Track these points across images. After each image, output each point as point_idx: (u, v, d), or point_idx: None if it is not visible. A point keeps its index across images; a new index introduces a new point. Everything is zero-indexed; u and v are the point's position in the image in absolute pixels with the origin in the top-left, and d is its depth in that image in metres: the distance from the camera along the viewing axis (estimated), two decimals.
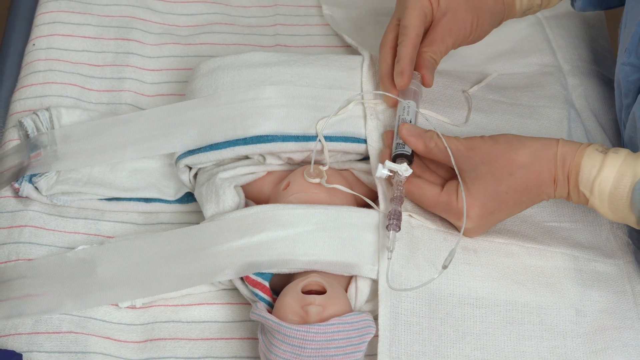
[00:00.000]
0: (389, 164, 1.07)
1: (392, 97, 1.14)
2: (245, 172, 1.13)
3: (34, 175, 1.15)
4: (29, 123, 1.20)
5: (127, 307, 1.07)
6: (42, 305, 1.05)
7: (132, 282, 1.06)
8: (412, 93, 1.14)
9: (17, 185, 1.15)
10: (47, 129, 1.19)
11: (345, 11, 1.41)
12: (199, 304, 1.08)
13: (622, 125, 1.19)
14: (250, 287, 1.04)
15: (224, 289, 1.09)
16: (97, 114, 1.22)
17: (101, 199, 1.16)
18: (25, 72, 1.28)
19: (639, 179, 0.99)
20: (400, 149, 1.09)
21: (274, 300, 1.04)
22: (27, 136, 1.19)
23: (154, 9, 1.39)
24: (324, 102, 1.15)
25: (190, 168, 1.15)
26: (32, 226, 1.13)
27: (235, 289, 1.08)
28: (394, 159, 1.09)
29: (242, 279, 1.05)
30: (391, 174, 1.07)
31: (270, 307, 1.03)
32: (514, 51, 1.33)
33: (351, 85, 1.18)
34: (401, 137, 1.09)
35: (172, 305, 1.08)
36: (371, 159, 1.13)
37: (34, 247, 1.11)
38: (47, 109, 1.21)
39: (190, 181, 1.16)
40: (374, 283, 1.04)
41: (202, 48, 1.35)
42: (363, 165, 1.15)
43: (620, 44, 1.19)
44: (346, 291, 1.04)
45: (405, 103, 1.13)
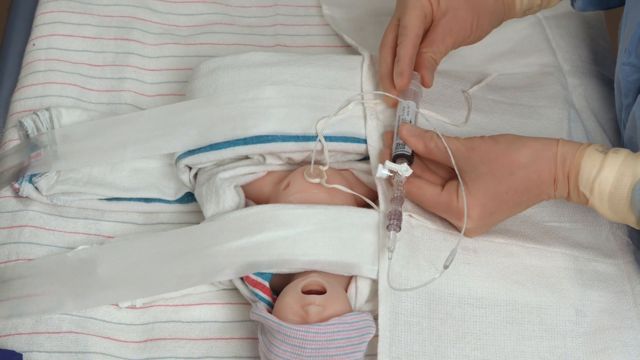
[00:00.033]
0: (389, 164, 1.07)
1: (392, 97, 1.14)
2: (245, 172, 1.13)
3: (34, 175, 1.15)
4: (29, 123, 1.20)
5: (127, 307, 1.07)
6: (42, 305, 1.05)
7: (132, 282, 1.06)
8: (412, 93, 1.14)
9: (17, 185, 1.15)
10: (47, 129, 1.19)
11: (345, 11, 1.41)
12: (199, 304, 1.08)
13: (622, 125, 1.18)
14: (250, 287, 1.04)
15: (224, 289, 1.09)
16: (97, 114, 1.22)
17: (101, 199, 1.16)
18: (26, 72, 1.28)
19: (639, 179, 0.99)
20: (400, 149, 1.09)
21: (274, 300, 1.04)
22: (27, 136, 1.19)
23: (154, 9, 1.39)
24: (324, 102, 1.15)
25: (190, 168, 1.15)
26: (32, 226, 1.13)
27: (235, 289, 1.08)
28: (394, 159, 1.09)
29: (242, 279, 1.05)
30: (391, 174, 1.07)
31: (270, 307, 1.03)
32: (514, 51, 1.33)
33: (351, 85, 1.18)
34: (401, 137, 1.09)
35: (172, 305, 1.08)
36: (371, 159, 1.12)
37: (34, 247, 1.11)
38: (47, 109, 1.21)
39: (190, 181, 1.16)
40: (374, 283, 1.04)
41: (202, 48, 1.35)
42: (363, 165, 1.15)
43: (620, 44, 1.19)
44: (346, 291, 1.04)
45: (405, 103, 1.13)
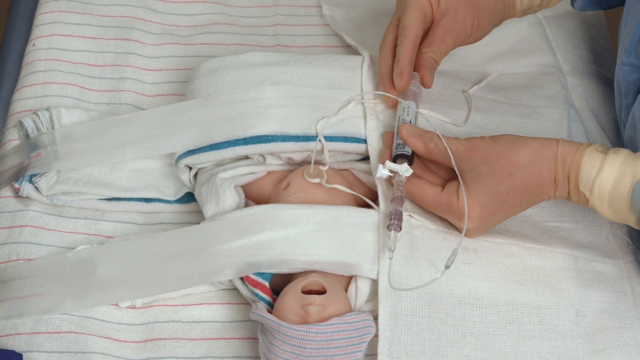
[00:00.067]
0: (390, 164, 1.07)
1: (392, 97, 1.14)
2: (245, 172, 1.13)
3: (34, 175, 1.15)
4: (29, 123, 1.20)
5: (127, 307, 1.07)
6: (43, 305, 1.05)
7: (132, 282, 1.06)
8: (412, 94, 1.14)
9: (17, 185, 1.15)
10: (48, 129, 1.19)
11: (345, 11, 1.41)
12: (199, 304, 1.08)
13: (622, 125, 1.18)
14: (250, 287, 1.04)
15: (224, 289, 1.09)
16: (97, 114, 1.22)
17: (101, 199, 1.16)
18: (26, 72, 1.28)
19: (639, 179, 0.99)
20: (400, 149, 1.09)
21: (274, 300, 1.04)
22: (27, 136, 1.19)
23: (154, 9, 1.39)
24: (324, 102, 1.15)
25: (191, 168, 1.15)
26: (32, 226, 1.13)
27: (235, 289, 1.08)
28: (395, 159, 1.09)
29: (242, 278, 1.05)
30: (392, 174, 1.07)
31: (270, 307, 1.03)
32: (514, 51, 1.33)
33: (351, 85, 1.18)
34: (401, 137, 1.09)
35: (172, 305, 1.08)
36: (371, 159, 1.12)
37: (34, 247, 1.11)
38: (48, 109, 1.21)
39: (190, 181, 1.16)
40: (374, 283, 1.04)
41: (202, 48, 1.35)
42: (363, 165, 1.15)
43: (620, 44, 1.19)
44: (346, 291, 1.05)
45: (405, 104, 1.13)
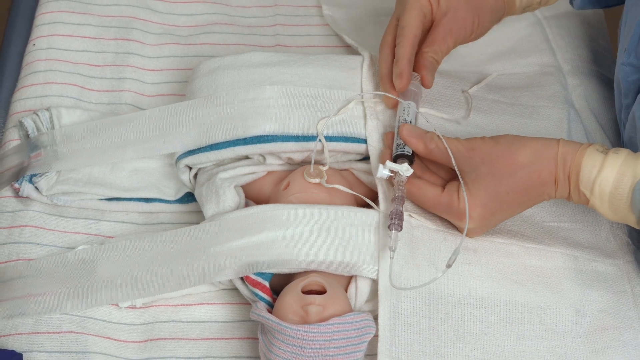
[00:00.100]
0: (390, 164, 1.07)
1: (393, 97, 1.14)
2: (245, 172, 1.13)
3: (34, 175, 1.15)
4: (29, 123, 1.20)
5: (127, 307, 1.07)
6: (43, 305, 1.05)
7: (132, 282, 1.06)
8: (412, 94, 1.14)
9: (17, 185, 1.15)
10: (48, 129, 1.19)
11: (345, 11, 1.41)
12: (199, 304, 1.08)
13: (622, 126, 1.18)
14: (251, 287, 1.04)
15: (224, 289, 1.09)
16: (97, 114, 1.22)
17: (101, 199, 1.16)
18: (26, 72, 1.28)
19: (639, 179, 0.99)
20: (400, 149, 1.09)
21: (274, 300, 1.04)
22: (27, 136, 1.19)
23: (154, 9, 1.39)
24: (324, 102, 1.15)
25: (191, 168, 1.15)
26: (32, 226, 1.13)
27: (235, 289, 1.08)
28: (395, 159, 1.09)
29: (242, 278, 1.05)
30: (392, 174, 1.07)
31: (270, 307, 1.03)
32: (514, 51, 1.33)
33: (351, 85, 1.18)
34: (401, 137, 1.09)
35: (172, 305, 1.08)
36: (371, 159, 1.12)
37: (34, 247, 1.11)
38: (48, 109, 1.21)
39: (190, 181, 1.16)
40: (374, 283, 1.04)
41: (202, 48, 1.35)
42: (363, 165, 1.15)
43: (619, 44, 1.19)
44: (346, 291, 1.05)
45: (405, 104, 1.13)
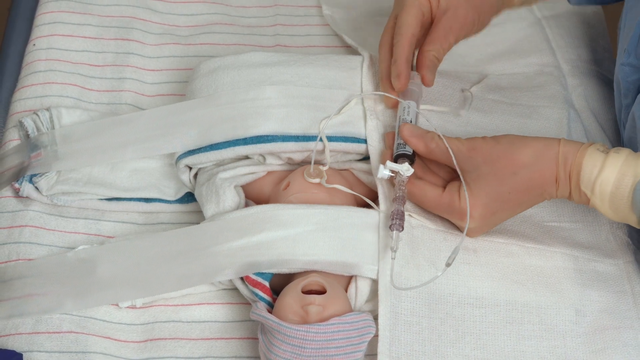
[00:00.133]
0: (390, 164, 1.07)
1: (393, 97, 1.14)
2: (245, 172, 1.13)
3: (35, 175, 1.15)
4: (29, 123, 1.20)
5: (128, 307, 1.07)
6: (43, 305, 1.05)
7: (132, 282, 1.06)
8: (412, 93, 1.14)
9: (17, 185, 1.15)
10: (48, 129, 1.19)
11: (345, 11, 1.41)
12: (199, 304, 1.08)
13: (622, 126, 1.18)
14: (251, 287, 1.05)
15: (224, 289, 1.09)
16: (97, 114, 1.22)
17: (101, 199, 1.16)
18: (26, 72, 1.28)
19: None
20: (401, 149, 1.09)
21: (274, 300, 1.04)
22: (27, 136, 1.19)
23: (154, 9, 1.39)
24: (324, 102, 1.15)
25: (191, 168, 1.15)
26: (32, 226, 1.13)
27: (235, 289, 1.09)
28: (396, 159, 1.09)
29: (242, 278, 1.05)
30: (393, 174, 1.07)
31: (270, 307, 1.03)
32: (514, 51, 1.33)
33: (351, 85, 1.18)
34: (402, 137, 1.09)
35: (172, 305, 1.08)
36: (371, 159, 1.12)
37: (34, 247, 1.11)
38: (48, 109, 1.21)
39: (190, 181, 1.16)
40: (374, 283, 1.04)
41: (202, 48, 1.35)
42: (363, 165, 1.15)
43: (619, 44, 1.19)
44: (346, 291, 1.05)
45: (405, 103, 1.13)
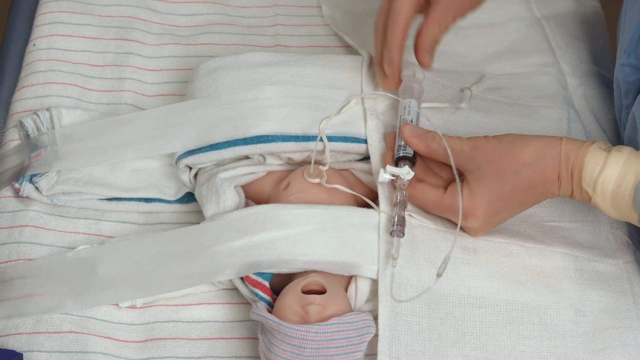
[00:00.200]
0: (391, 169, 1.07)
1: (393, 97, 1.14)
2: (246, 172, 1.13)
3: (35, 175, 1.15)
4: (29, 123, 1.20)
5: (128, 307, 1.07)
6: (43, 305, 1.05)
7: (132, 281, 1.06)
8: (412, 91, 1.14)
9: (17, 185, 1.15)
10: (48, 129, 1.19)
11: (345, 11, 1.41)
12: (199, 304, 1.08)
13: (622, 126, 1.18)
14: (251, 287, 1.05)
15: (224, 289, 1.10)
16: (97, 114, 1.22)
17: (101, 199, 1.16)
18: (26, 72, 1.28)
19: None
20: (402, 151, 1.09)
21: (274, 300, 1.04)
22: (27, 136, 1.19)
23: (154, 9, 1.39)
24: (324, 102, 1.15)
25: (191, 168, 1.15)
26: (32, 226, 1.13)
27: (235, 289, 1.09)
28: (396, 161, 1.08)
29: (242, 278, 1.05)
30: (393, 178, 1.07)
31: (271, 307, 1.03)
32: (514, 51, 1.33)
33: (351, 85, 1.18)
34: (403, 138, 1.09)
35: (173, 305, 1.08)
36: (372, 159, 1.12)
37: (34, 247, 1.11)
38: (48, 109, 1.21)
39: (190, 181, 1.16)
40: (374, 283, 1.04)
41: (202, 48, 1.35)
42: (363, 165, 1.15)
43: (619, 44, 1.19)
44: (346, 291, 1.05)
45: (406, 103, 1.13)
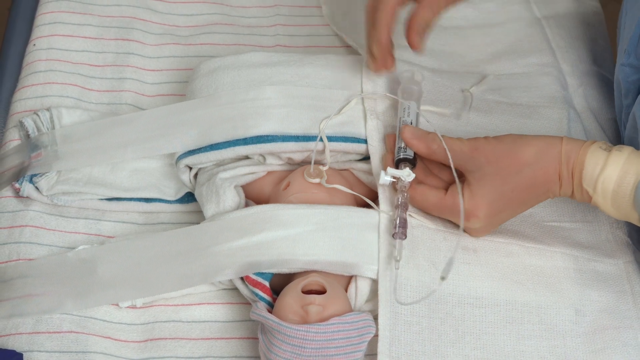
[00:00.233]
0: (391, 171, 1.07)
1: (394, 97, 1.14)
2: (246, 172, 1.13)
3: (35, 175, 1.15)
4: (29, 123, 1.20)
5: (128, 307, 1.08)
6: (43, 305, 1.05)
7: (132, 281, 1.06)
8: (412, 93, 1.14)
9: (17, 185, 1.15)
10: (48, 129, 1.19)
11: (345, 11, 1.41)
12: (199, 304, 1.08)
13: (622, 126, 1.18)
14: (251, 287, 1.05)
15: (224, 289, 1.10)
16: (97, 114, 1.22)
17: (102, 199, 1.16)
18: (26, 72, 1.28)
19: None
20: (402, 153, 1.09)
21: (274, 300, 1.04)
22: (27, 136, 1.19)
23: (154, 10, 1.39)
24: (324, 102, 1.15)
25: (191, 168, 1.15)
26: (32, 226, 1.13)
27: (235, 289, 1.09)
28: (397, 163, 1.08)
29: (242, 278, 1.06)
30: (394, 180, 1.07)
31: (271, 307, 1.03)
32: (514, 51, 1.33)
33: (351, 85, 1.18)
34: (403, 139, 1.08)
35: (173, 305, 1.08)
36: (372, 159, 1.12)
37: (34, 247, 1.11)
38: (48, 109, 1.21)
39: (190, 181, 1.16)
40: (374, 283, 1.04)
41: (202, 48, 1.35)
42: (363, 165, 1.15)
43: (619, 44, 1.19)
44: (346, 291, 1.05)
45: (405, 104, 1.13)
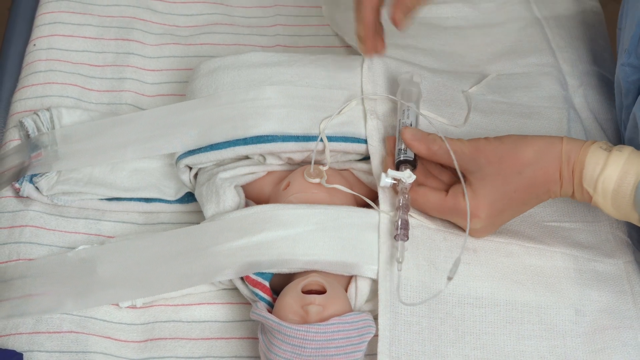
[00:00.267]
0: (392, 173, 1.07)
1: (393, 98, 1.14)
2: (246, 172, 1.13)
3: (35, 175, 1.15)
4: (29, 123, 1.20)
5: (128, 307, 1.08)
6: (43, 305, 1.05)
7: (132, 281, 1.06)
8: (411, 94, 1.14)
9: (17, 185, 1.15)
10: (48, 129, 1.19)
11: (344, 11, 1.41)
12: (199, 304, 1.08)
13: (622, 126, 1.18)
14: (251, 287, 1.05)
15: (224, 289, 1.10)
16: (97, 114, 1.22)
17: (102, 199, 1.16)
18: (26, 72, 1.28)
19: None
20: (402, 155, 1.08)
21: (274, 300, 1.04)
22: (27, 136, 1.19)
23: (155, 10, 1.39)
24: (324, 102, 1.15)
25: (191, 168, 1.15)
26: (32, 226, 1.13)
27: (235, 289, 1.09)
28: (397, 165, 1.08)
29: (242, 278, 1.06)
30: (395, 182, 1.07)
31: (271, 307, 1.03)
32: (514, 51, 1.33)
33: (351, 85, 1.18)
34: (404, 141, 1.08)
35: (173, 305, 1.08)
36: (372, 159, 1.12)
37: (34, 247, 1.11)
38: (48, 109, 1.21)
39: (190, 181, 1.16)
40: (374, 283, 1.04)
41: (203, 48, 1.35)
42: (363, 165, 1.15)
43: (619, 44, 1.19)
44: (346, 291, 1.05)
45: (405, 105, 1.13)
